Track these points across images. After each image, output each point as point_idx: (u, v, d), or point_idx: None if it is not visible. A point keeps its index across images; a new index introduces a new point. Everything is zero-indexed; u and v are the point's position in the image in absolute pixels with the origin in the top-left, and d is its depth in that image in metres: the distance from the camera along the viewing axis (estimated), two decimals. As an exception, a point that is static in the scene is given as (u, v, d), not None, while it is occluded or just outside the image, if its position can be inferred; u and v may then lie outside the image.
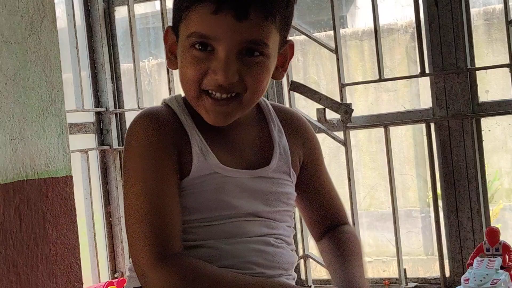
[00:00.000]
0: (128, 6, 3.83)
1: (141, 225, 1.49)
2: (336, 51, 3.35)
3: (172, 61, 1.59)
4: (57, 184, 2.84)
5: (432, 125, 3.25)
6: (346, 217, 1.79)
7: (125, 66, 4.07)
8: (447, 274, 3.28)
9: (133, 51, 3.83)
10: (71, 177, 2.92)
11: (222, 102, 1.52)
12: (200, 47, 1.49)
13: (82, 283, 2.95)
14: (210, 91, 1.51)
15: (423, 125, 3.27)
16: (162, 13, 3.73)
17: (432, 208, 3.27)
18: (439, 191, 3.27)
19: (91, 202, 3.83)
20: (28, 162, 2.73)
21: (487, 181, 3.24)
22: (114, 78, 3.95)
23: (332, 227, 1.74)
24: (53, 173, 2.83)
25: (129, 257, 1.54)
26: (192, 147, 1.54)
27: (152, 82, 4.36)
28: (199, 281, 1.47)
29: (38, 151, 2.77)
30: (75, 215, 2.93)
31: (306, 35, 3.48)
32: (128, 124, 3.85)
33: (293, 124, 1.71)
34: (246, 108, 1.57)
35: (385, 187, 3.32)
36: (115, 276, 3.90)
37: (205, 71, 1.50)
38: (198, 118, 1.57)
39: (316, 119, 3.35)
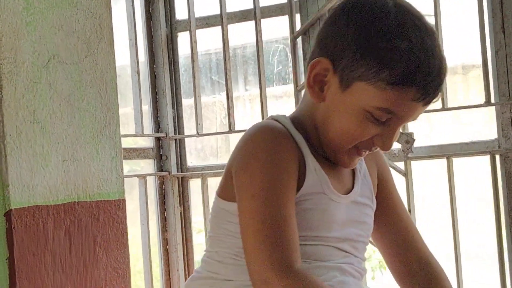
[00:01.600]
0: (190, 32, 3.82)
1: (267, 234, 1.47)
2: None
3: (315, 92, 1.56)
4: (109, 207, 2.81)
5: (498, 157, 3.13)
6: (427, 246, 1.76)
7: (186, 92, 4.06)
8: (512, 313, 3.13)
9: (193, 77, 3.81)
10: (124, 200, 2.89)
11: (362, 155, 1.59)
12: (381, 118, 1.50)
13: (132, 309, 2.91)
14: (363, 150, 1.56)
15: (488, 157, 3.14)
16: (223, 39, 3.70)
17: (496, 244, 3.13)
18: (503, 228, 3.13)
19: (148, 228, 3.80)
20: (80, 184, 2.71)
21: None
22: (175, 104, 3.93)
23: (418, 261, 1.71)
24: (105, 196, 2.80)
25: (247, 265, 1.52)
26: (307, 163, 1.55)
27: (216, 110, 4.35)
28: None
29: (90, 173, 2.75)
30: (127, 239, 2.89)
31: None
32: (187, 150, 3.86)
33: None
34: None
35: (447, 220, 3.20)
36: (170, 304, 3.85)
37: (372, 135, 1.52)
38: (307, 138, 1.59)
39: (376, 148, 3.25)
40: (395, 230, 1.72)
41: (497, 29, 3.11)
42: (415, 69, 1.45)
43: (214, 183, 3.94)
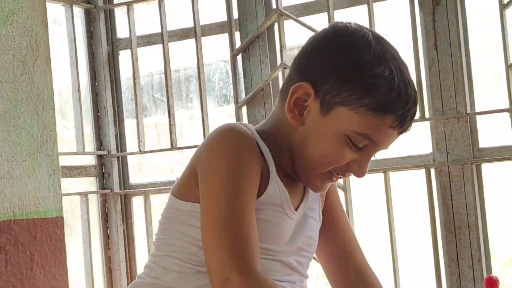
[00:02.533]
0: (132, 50, 3.84)
1: (231, 235, 1.47)
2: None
3: (295, 115, 1.57)
4: (46, 225, 2.81)
5: (433, 171, 3.19)
6: (365, 257, 1.80)
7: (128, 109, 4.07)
8: (448, 324, 3.18)
9: (135, 95, 3.83)
10: (62, 218, 2.88)
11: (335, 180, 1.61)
12: (355, 142, 1.52)
13: (71, 327, 2.90)
14: (335, 175, 1.57)
15: (423, 171, 3.21)
16: (164, 57, 3.72)
17: (432, 256, 3.19)
18: (439, 238, 3.19)
19: (90, 246, 3.79)
20: (16, 202, 2.70)
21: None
22: (117, 121, 3.94)
23: (356, 272, 1.75)
24: (43, 214, 2.80)
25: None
26: (271, 173, 1.56)
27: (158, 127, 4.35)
28: None
29: (27, 191, 2.74)
30: (65, 257, 2.88)
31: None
32: (130, 168, 3.86)
33: None
34: None
35: (385, 233, 3.25)
36: (113, 322, 3.83)
37: (347, 161, 1.53)
38: (272, 151, 1.59)
39: (314, 163, 3.30)
40: (337, 241, 1.74)
41: (429, 46, 3.19)
42: (396, 97, 1.49)
43: (157, 200, 3.95)
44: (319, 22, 3.40)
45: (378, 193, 3.31)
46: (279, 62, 3.45)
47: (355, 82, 1.49)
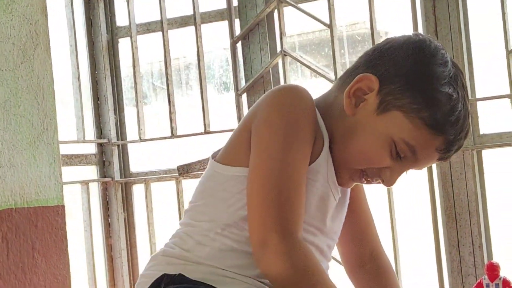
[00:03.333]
0: (131, 38, 3.83)
1: (277, 196, 1.43)
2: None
3: (351, 103, 1.54)
4: (47, 214, 2.80)
5: (433, 157, 3.18)
6: (380, 241, 1.80)
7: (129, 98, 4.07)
8: (449, 310, 3.19)
9: (135, 82, 3.82)
10: (63, 206, 2.88)
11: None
12: (397, 150, 1.50)
13: (73, 315, 2.90)
14: (366, 176, 1.55)
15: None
16: (164, 45, 3.72)
17: (433, 242, 3.19)
18: (440, 225, 3.19)
19: (91, 235, 3.80)
20: (17, 190, 2.70)
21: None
22: (117, 110, 3.93)
23: (370, 253, 1.75)
24: (44, 202, 2.79)
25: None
26: (324, 141, 1.54)
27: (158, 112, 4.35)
28: (306, 276, 1.42)
29: (28, 179, 2.74)
30: (67, 245, 2.88)
31: (307, 66, 3.44)
32: (130, 156, 3.86)
33: None
34: None
35: (386, 220, 3.25)
36: (115, 309, 3.84)
37: (384, 166, 1.52)
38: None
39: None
40: (356, 220, 1.73)
41: (430, 31, 3.18)
42: (454, 121, 1.49)
43: (158, 188, 3.95)
44: (319, 8, 3.39)
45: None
46: (279, 49, 3.44)
47: (421, 92, 1.48)
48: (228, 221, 1.51)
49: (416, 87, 1.48)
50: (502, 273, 2.86)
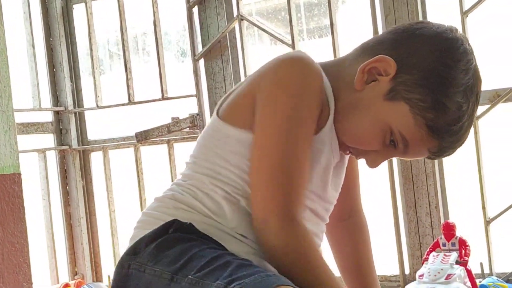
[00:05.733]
0: (86, 4, 3.78)
1: (280, 174, 1.43)
2: (292, 45, 3.31)
3: (362, 79, 1.51)
4: (3, 182, 2.78)
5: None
6: (361, 203, 1.82)
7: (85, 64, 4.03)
8: (407, 271, 3.23)
9: (91, 49, 3.78)
10: (19, 174, 2.86)
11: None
12: (391, 137, 1.50)
13: (32, 283, 2.89)
14: (352, 151, 1.56)
15: (381, 120, 3.22)
16: (120, 10, 3.68)
17: (390, 204, 3.22)
18: (397, 186, 3.22)
19: (49, 203, 3.77)
20: (-28, 159, 2.67)
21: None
22: (73, 77, 3.89)
23: (350, 210, 1.77)
24: (0, 171, 2.77)
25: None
26: (330, 110, 1.52)
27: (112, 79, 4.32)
28: (303, 258, 1.43)
29: (-18, 147, 2.71)
30: (24, 213, 2.86)
31: (264, 30, 3.43)
32: (88, 124, 3.83)
33: None
34: None
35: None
36: (75, 278, 3.83)
37: (375, 149, 1.51)
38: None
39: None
40: (345, 177, 1.70)
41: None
42: (455, 131, 1.48)
43: (116, 155, 3.93)
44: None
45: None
46: (235, 14, 3.42)
47: (433, 94, 1.45)
48: (235, 183, 1.51)
49: (430, 86, 1.46)
50: (458, 233, 2.90)
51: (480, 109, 3.04)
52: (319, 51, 4.28)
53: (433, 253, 2.86)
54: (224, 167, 1.52)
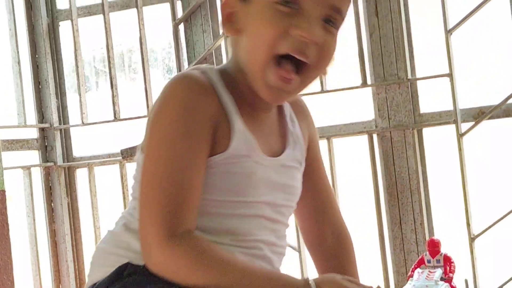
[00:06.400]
0: (72, 21, 3.79)
1: (156, 193, 1.39)
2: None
3: (229, 27, 1.49)
4: (-13, 198, 2.77)
5: (375, 136, 3.23)
6: (343, 217, 1.73)
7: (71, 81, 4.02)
8: (392, 287, 3.24)
9: (77, 66, 3.78)
10: (3, 191, 2.85)
11: (286, 79, 1.44)
12: (284, 3, 1.41)
13: (15, 300, 2.88)
14: (284, 55, 1.42)
15: (366, 137, 3.24)
16: (106, 27, 3.68)
17: (376, 220, 3.23)
18: (382, 203, 3.23)
19: (34, 220, 3.76)
20: (-44, 175, 2.66)
21: (430, 192, 3.22)
22: (59, 94, 3.89)
23: (331, 228, 1.69)
24: (-16, 187, 2.76)
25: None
26: (233, 124, 1.47)
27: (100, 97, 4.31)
28: (207, 266, 1.39)
29: (-33, 164, 2.70)
30: (8, 230, 2.86)
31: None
32: (73, 140, 3.83)
33: (302, 109, 1.66)
34: (304, 87, 1.49)
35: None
36: (60, 295, 3.81)
37: (285, 29, 1.41)
38: (235, 95, 1.49)
39: (258, 131, 3.31)
40: (316, 193, 1.67)
41: (370, 12, 3.20)
42: None
43: (101, 172, 3.92)
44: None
45: (323, 159, 3.33)
46: (221, 31, 3.44)
47: None
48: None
49: None
50: (443, 249, 2.91)
51: (465, 126, 3.06)
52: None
53: (418, 269, 2.87)
54: None
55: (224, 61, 3.47)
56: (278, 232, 1.57)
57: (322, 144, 3.28)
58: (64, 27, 3.88)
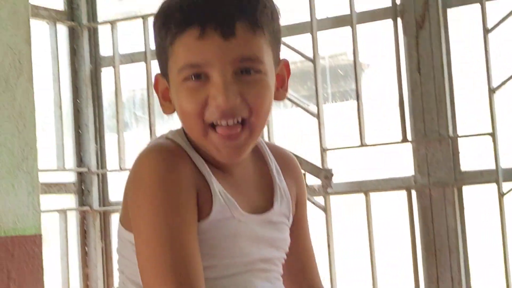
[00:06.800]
0: (114, 68, 3.82)
1: (165, 260, 1.36)
2: (318, 115, 3.32)
3: (166, 106, 1.51)
4: (24, 243, 2.78)
5: (414, 193, 3.19)
6: (320, 277, 1.72)
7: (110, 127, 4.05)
8: None
9: (117, 112, 3.81)
10: (40, 236, 2.86)
11: (231, 135, 1.42)
12: (194, 78, 1.41)
13: None
14: (215, 123, 1.41)
15: (405, 193, 3.21)
16: (147, 75, 3.72)
17: (412, 278, 3.19)
18: (419, 260, 3.19)
19: (67, 264, 3.76)
20: (-5, 219, 2.68)
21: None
22: (98, 138, 3.92)
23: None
24: (21, 231, 2.77)
25: None
26: (211, 187, 1.45)
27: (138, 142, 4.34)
28: None
29: (6, 208, 2.72)
30: (43, 275, 2.86)
31: (289, 99, 3.45)
32: (110, 185, 3.84)
33: (289, 164, 1.64)
34: (256, 135, 1.47)
35: (365, 254, 3.25)
36: None
37: (204, 101, 1.41)
38: (204, 156, 1.48)
39: (296, 184, 3.30)
40: (298, 253, 1.65)
41: (412, 69, 3.19)
42: (171, 8, 1.44)
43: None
44: (303, 43, 3.41)
45: (359, 215, 3.31)
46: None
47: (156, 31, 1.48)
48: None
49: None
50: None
51: (506, 186, 3.02)
52: (342, 115, 4.30)
53: (456, 331, 2.81)
54: (133, 269, 1.46)
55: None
56: (272, 278, 1.56)
57: (359, 198, 3.26)
58: (106, 73, 3.92)
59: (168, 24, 1.43)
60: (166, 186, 1.39)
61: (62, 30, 3.86)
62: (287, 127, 4.22)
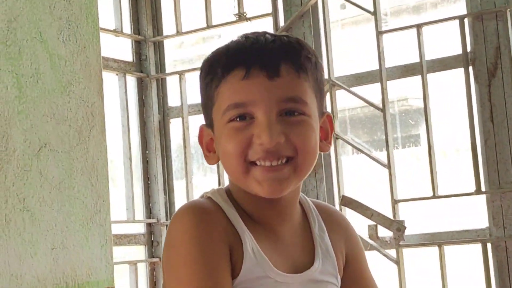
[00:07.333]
0: (183, 119, 3.85)
1: None
2: (388, 166, 3.28)
3: (211, 157, 1.49)
4: (97, 296, 2.78)
5: (489, 246, 3.12)
6: None
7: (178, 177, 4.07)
8: None
9: (185, 163, 3.83)
10: (113, 288, 2.86)
11: (275, 168, 1.39)
12: (238, 119, 1.40)
13: None
14: (258, 163, 1.39)
15: (480, 245, 3.13)
16: (215, 126, 3.73)
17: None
18: (496, 314, 3.10)
19: (137, 315, 3.76)
20: (69, 272, 2.68)
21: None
22: (167, 190, 3.94)
23: None
24: (94, 284, 2.77)
25: None
26: (244, 246, 1.41)
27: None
28: None
29: (79, 261, 2.73)
30: (115, 328, 2.85)
31: (360, 150, 3.42)
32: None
33: (335, 222, 1.59)
34: (300, 173, 1.43)
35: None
36: None
37: (249, 140, 1.40)
38: (244, 214, 1.45)
39: (367, 235, 3.25)
40: None
41: (485, 118, 3.14)
42: (218, 54, 1.44)
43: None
44: (373, 92, 3.39)
45: (433, 267, 3.24)
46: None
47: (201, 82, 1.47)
48: None
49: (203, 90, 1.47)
50: None
51: None
52: (411, 162, 4.24)
53: None
54: None
55: (333, 161, 3.45)
56: None
57: (433, 251, 3.19)
58: (174, 124, 3.95)
59: (214, 69, 1.44)
60: (199, 247, 1.38)
61: (131, 81, 3.91)
62: (356, 175, 4.18)
